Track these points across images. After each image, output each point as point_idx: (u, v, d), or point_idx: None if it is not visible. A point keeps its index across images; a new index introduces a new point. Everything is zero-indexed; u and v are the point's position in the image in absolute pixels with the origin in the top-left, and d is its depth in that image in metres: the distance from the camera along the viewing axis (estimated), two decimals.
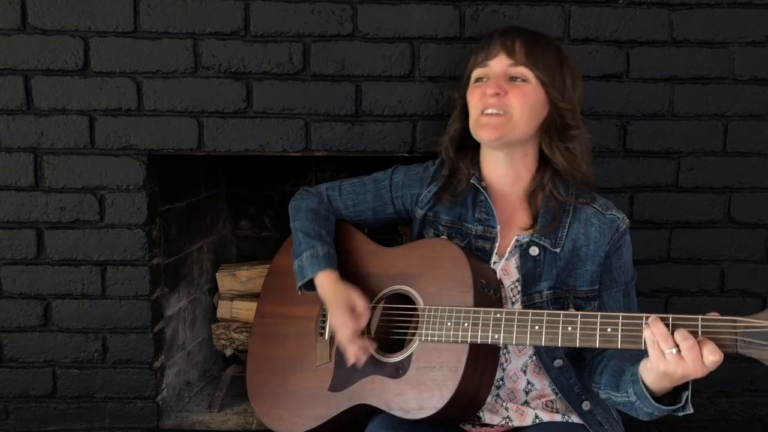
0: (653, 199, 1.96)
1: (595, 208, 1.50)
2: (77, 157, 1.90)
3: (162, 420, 2.05)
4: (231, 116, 1.89)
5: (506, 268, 1.49)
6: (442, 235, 1.54)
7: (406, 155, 1.89)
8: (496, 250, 1.50)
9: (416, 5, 1.85)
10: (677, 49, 1.89)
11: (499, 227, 1.50)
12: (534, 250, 1.47)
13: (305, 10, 1.84)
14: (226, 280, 2.40)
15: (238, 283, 2.39)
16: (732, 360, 2.08)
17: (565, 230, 1.48)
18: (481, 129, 1.46)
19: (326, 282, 1.52)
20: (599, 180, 1.92)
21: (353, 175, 1.72)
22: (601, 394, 1.41)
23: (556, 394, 1.48)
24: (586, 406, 1.46)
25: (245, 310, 2.32)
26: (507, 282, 1.48)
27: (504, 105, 1.43)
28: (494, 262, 1.49)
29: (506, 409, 1.47)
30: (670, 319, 1.17)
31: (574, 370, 1.46)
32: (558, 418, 1.46)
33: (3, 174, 1.91)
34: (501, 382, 1.48)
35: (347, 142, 1.90)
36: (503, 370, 1.47)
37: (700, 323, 1.15)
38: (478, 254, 1.50)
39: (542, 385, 1.48)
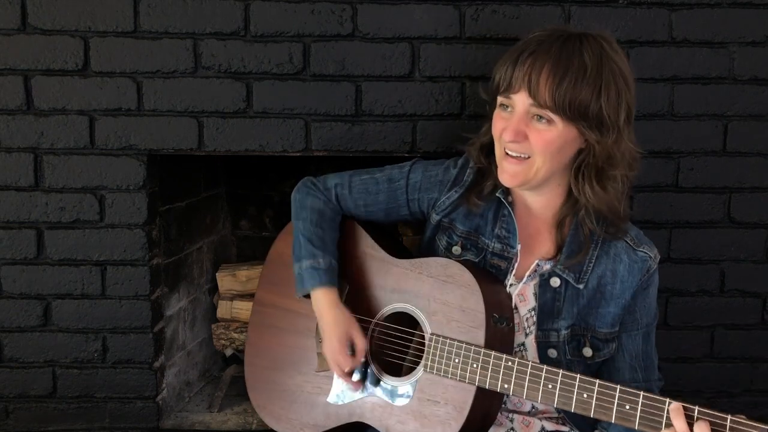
0: (653, 199, 1.96)
1: (626, 242, 1.38)
2: (77, 157, 1.90)
3: (162, 420, 2.05)
4: (231, 116, 1.89)
5: (523, 293, 1.40)
6: (456, 245, 1.46)
7: (406, 155, 1.89)
8: (513, 272, 1.41)
9: (416, 5, 1.85)
10: (677, 49, 1.89)
11: (519, 247, 1.41)
12: (555, 282, 1.37)
13: (305, 10, 1.84)
14: (226, 280, 2.40)
15: (238, 283, 2.39)
16: (732, 360, 2.10)
17: (591, 264, 1.37)
18: (502, 174, 1.35)
19: (325, 303, 1.46)
20: None
21: None
22: None
23: (559, 413, 1.42)
24: None
25: (245, 310, 2.32)
26: (522, 309, 1.40)
27: (525, 149, 1.30)
28: (510, 284, 1.41)
29: (511, 420, 1.44)
30: (696, 412, 1.10)
31: None
32: (564, 429, 1.43)
33: (3, 174, 1.91)
34: (505, 397, 1.42)
35: (347, 142, 1.90)
36: (507, 396, 1.42)
37: (728, 424, 1.08)
38: (493, 270, 1.41)
39: (546, 407, 1.43)
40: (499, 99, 1.36)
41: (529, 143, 1.29)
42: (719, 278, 2.01)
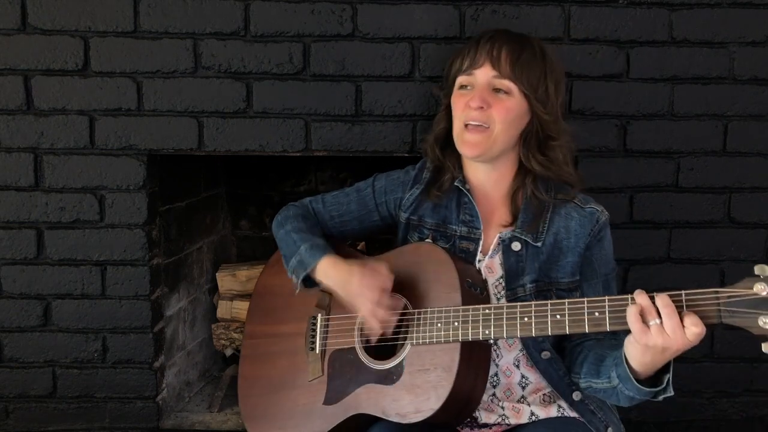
0: (653, 199, 1.96)
1: (574, 202, 1.52)
2: (77, 157, 1.90)
3: (162, 420, 2.05)
4: (231, 116, 1.89)
5: (490, 266, 1.51)
6: (427, 238, 1.56)
7: (406, 155, 1.89)
8: (480, 249, 1.52)
9: (416, 5, 1.85)
10: (677, 49, 1.89)
11: (482, 226, 1.53)
12: (516, 246, 1.49)
13: (305, 10, 1.84)
14: (226, 280, 2.40)
15: (238, 283, 2.39)
16: (732, 360, 2.10)
17: (546, 224, 1.50)
18: (463, 145, 1.49)
19: (333, 265, 1.50)
20: (599, 180, 1.93)
21: (353, 175, 1.73)
22: (581, 383, 1.43)
23: (549, 385, 1.49)
24: (576, 396, 1.47)
25: (245, 310, 2.30)
26: (492, 279, 1.50)
27: (486, 118, 1.45)
28: (479, 261, 1.51)
29: (502, 407, 1.48)
30: (655, 294, 1.19)
31: (562, 362, 1.48)
32: (554, 411, 1.47)
33: (3, 174, 1.91)
34: (496, 380, 1.48)
35: (347, 142, 1.90)
36: (496, 365, 1.48)
37: (684, 297, 1.17)
38: (463, 255, 1.51)
39: (536, 378, 1.49)
40: (459, 80, 1.51)
41: (490, 112, 1.45)
42: (719, 278, 2.01)
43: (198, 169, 2.31)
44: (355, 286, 1.43)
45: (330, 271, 1.50)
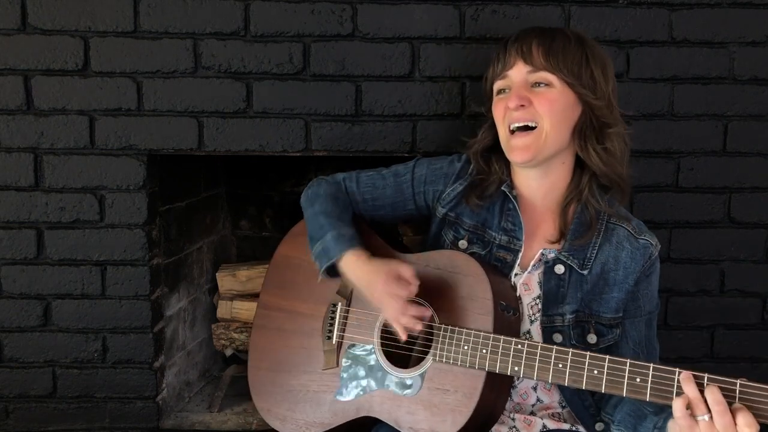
0: (653, 199, 1.96)
1: (628, 230, 1.42)
2: (77, 157, 1.90)
3: (162, 420, 2.05)
4: (231, 116, 1.89)
5: (528, 282, 1.42)
6: (462, 239, 1.48)
7: (406, 155, 1.89)
8: (518, 262, 1.43)
9: (416, 5, 1.85)
10: (677, 49, 1.89)
11: (524, 239, 1.43)
12: (560, 269, 1.40)
13: (305, 10, 1.84)
14: (226, 280, 2.40)
15: (238, 283, 2.39)
16: (732, 360, 2.09)
17: (595, 251, 1.40)
18: (512, 152, 1.39)
19: (358, 261, 1.42)
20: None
21: None
22: (613, 428, 1.36)
23: (563, 407, 1.44)
24: (599, 427, 1.42)
25: (245, 310, 2.32)
26: (527, 298, 1.42)
27: (531, 115, 1.35)
28: (515, 274, 1.43)
29: (513, 419, 1.44)
30: (705, 378, 1.10)
31: (590, 391, 1.38)
32: (565, 427, 1.43)
33: (3, 174, 1.91)
34: (509, 399, 1.44)
35: (347, 142, 1.90)
36: (514, 388, 1.43)
37: (738, 388, 1.08)
38: (498, 264, 1.43)
39: (551, 400, 1.44)
40: (497, 86, 1.44)
41: (533, 108, 1.35)
42: (719, 278, 2.01)
43: (198, 169, 2.31)
44: (379, 291, 1.36)
45: (354, 266, 1.43)
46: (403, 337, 1.36)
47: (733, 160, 1.96)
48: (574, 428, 1.43)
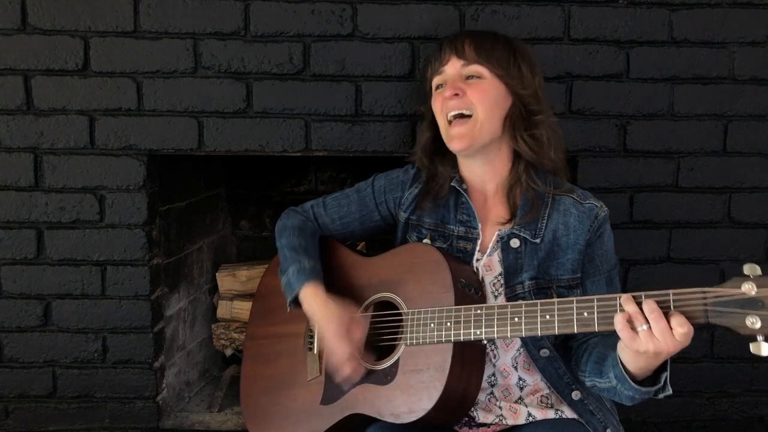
0: (653, 199, 1.96)
1: (573, 198, 1.51)
2: (77, 157, 1.90)
3: (162, 420, 2.05)
4: (231, 116, 1.89)
5: (489, 264, 1.50)
6: (425, 238, 1.56)
7: (406, 155, 1.89)
8: (478, 248, 1.51)
9: (416, 5, 1.85)
10: (677, 49, 1.89)
11: (480, 225, 1.52)
12: (515, 243, 1.48)
13: (305, 10, 1.84)
14: (226, 280, 2.40)
15: (238, 283, 2.39)
16: (732, 360, 2.09)
17: (545, 221, 1.49)
18: (451, 141, 1.49)
19: (312, 297, 1.51)
20: (599, 180, 1.93)
21: (353, 175, 1.73)
22: (586, 381, 1.43)
23: (549, 387, 1.48)
24: (576, 395, 1.47)
25: (245, 310, 2.32)
26: (490, 277, 1.49)
27: (466, 104, 1.45)
28: (477, 260, 1.50)
29: (499, 407, 1.48)
30: (642, 296, 1.18)
31: (563, 360, 1.47)
32: (551, 414, 1.47)
33: (3, 174, 1.91)
34: (494, 379, 1.48)
35: (347, 142, 1.90)
36: (494, 365, 1.48)
37: (671, 297, 1.17)
38: (460, 255, 1.51)
39: (534, 380, 1.49)
40: (434, 81, 1.54)
41: (467, 97, 1.45)
42: (719, 278, 2.01)
43: (198, 169, 2.31)
44: (330, 335, 1.46)
45: (311, 300, 1.52)
46: (342, 380, 1.46)
47: (733, 160, 1.96)
48: (558, 413, 1.47)
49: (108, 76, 1.87)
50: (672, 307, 1.16)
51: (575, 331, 1.25)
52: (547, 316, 1.27)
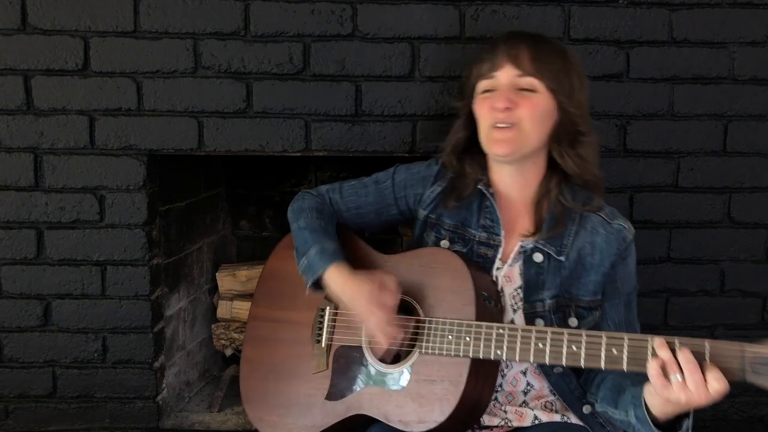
0: (653, 199, 1.96)
1: (601, 217, 1.47)
2: (77, 157, 1.90)
3: (162, 420, 2.05)
4: (231, 116, 1.89)
5: (509, 275, 1.46)
6: (444, 239, 1.52)
7: (406, 155, 1.89)
8: (499, 256, 1.47)
9: (416, 5, 1.85)
10: (677, 49, 1.89)
11: (503, 233, 1.48)
12: (538, 257, 1.44)
13: (305, 10, 1.84)
14: (226, 280, 2.40)
15: (238, 283, 2.39)
16: None
17: (571, 238, 1.45)
18: (494, 145, 1.44)
19: (339, 277, 1.45)
20: None
21: (353, 175, 1.72)
22: (597, 406, 1.40)
23: (554, 395, 1.47)
24: (587, 409, 1.45)
25: (245, 310, 2.32)
26: (509, 289, 1.46)
27: (514, 117, 1.40)
28: (497, 268, 1.47)
29: (505, 411, 1.46)
30: (676, 342, 1.16)
31: (575, 375, 1.45)
32: (557, 418, 1.45)
33: (3, 174, 1.91)
34: (499, 387, 1.46)
35: (347, 142, 1.90)
36: (503, 376, 1.46)
37: (707, 349, 1.13)
38: (480, 260, 1.48)
39: (541, 386, 1.47)
40: (482, 85, 1.47)
41: (517, 111, 1.40)
42: (719, 278, 2.01)
43: (198, 169, 2.31)
44: (364, 304, 1.40)
45: (337, 281, 1.46)
46: (385, 345, 1.40)
47: (733, 160, 1.96)
48: (564, 418, 1.46)
49: (108, 76, 1.87)
50: (708, 358, 1.13)
51: (602, 367, 1.22)
52: (574, 348, 1.24)
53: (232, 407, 2.15)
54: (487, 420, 1.46)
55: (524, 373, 1.47)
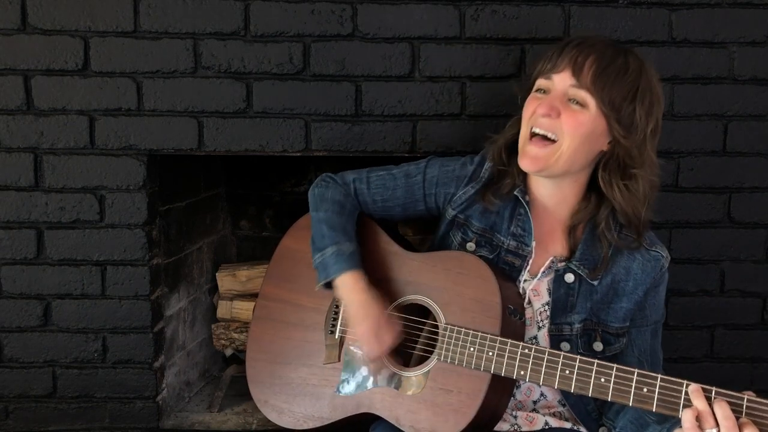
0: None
1: (639, 242, 1.41)
2: (77, 157, 1.90)
3: (162, 420, 2.05)
4: (231, 116, 1.89)
5: (537, 288, 1.42)
6: (470, 241, 1.48)
7: (406, 155, 1.89)
8: (528, 268, 1.43)
9: (416, 5, 1.85)
10: (677, 49, 1.89)
11: (534, 245, 1.43)
12: (569, 277, 1.40)
13: (305, 10, 1.84)
14: (226, 280, 2.40)
15: (238, 283, 2.39)
16: (732, 360, 2.09)
17: (606, 263, 1.40)
18: (523, 157, 1.37)
19: (352, 287, 1.43)
20: None
21: None
22: None
23: (563, 406, 1.44)
24: (603, 431, 1.42)
25: (245, 310, 2.32)
26: (536, 304, 1.42)
27: (555, 128, 1.32)
28: (525, 280, 1.43)
29: (515, 417, 1.44)
30: (713, 392, 1.13)
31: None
32: (567, 425, 1.43)
33: (3, 174, 1.91)
34: (512, 398, 1.44)
35: (347, 142, 1.90)
36: (517, 387, 1.44)
37: (745, 403, 1.11)
38: (506, 268, 1.43)
39: (553, 397, 1.45)
40: (538, 83, 1.39)
41: (559, 122, 1.31)
42: (719, 278, 2.01)
43: (198, 169, 2.31)
44: (364, 331, 1.41)
45: (348, 292, 1.44)
46: (371, 372, 1.42)
47: (733, 160, 1.96)
48: (575, 428, 1.44)
49: (108, 76, 1.87)
50: (744, 413, 1.10)
51: (630, 405, 1.18)
52: (603, 380, 1.20)
53: (232, 407, 2.15)
54: (497, 425, 1.42)
55: (538, 384, 1.43)
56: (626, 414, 1.35)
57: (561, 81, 1.34)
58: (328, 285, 1.48)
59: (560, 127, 1.31)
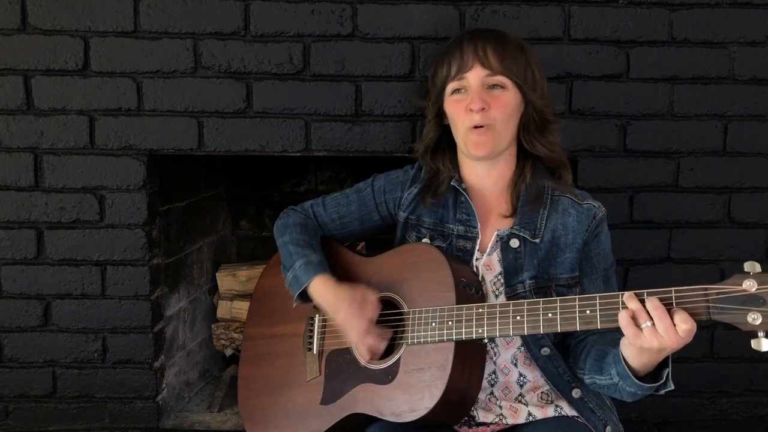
0: (653, 199, 1.96)
1: (571, 198, 1.53)
2: (77, 157, 1.90)
3: (162, 420, 2.05)
4: (231, 116, 1.89)
5: (488, 263, 1.51)
6: (425, 238, 1.57)
7: (406, 155, 1.89)
8: (477, 247, 1.53)
9: (416, 5, 1.85)
10: (677, 49, 1.89)
11: (479, 225, 1.54)
12: (514, 243, 1.50)
13: (305, 10, 1.84)
14: (226, 280, 2.40)
15: (238, 283, 2.39)
16: (732, 360, 2.09)
17: (544, 221, 1.51)
18: (473, 147, 1.49)
19: (324, 287, 1.53)
20: (599, 180, 1.93)
21: (353, 176, 1.73)
22: (585, 379, 1.44)
23: (549, 385, 1.49)
24: (576, 393, 1.47)
25: (245, 310, 2.31)
26: (490, 276, 1.50)
27: (489, 118, 1.47)
28: (476, 259, 1.52)
29: (499, 406, 1.48)
30: (645, 294, 1.21)
31: (563, 358, 1.48)
32: (551, 411, 1.47)
33: (3, 174, 1.91)
34: (494, 378, 1.49)
35: (347, 142, 1.90)
36: (494, 363, 1.49)
37: (673, 295, 1.19)
38: (459, 254, 1.53)
39: (534, 376, 1.50)
40: (451, 86, 1.52)
41: (491, 112, 1.47)
42: (719, 278, 2.00)
43: (198, 169, 2.32)
44: (343, 315, 1.47)
45: (321, 292, 1.53)
46: (366, 356, 1.46)
47: (733, 160, 1.96)
48: (558, 410, 1.48)
49: (108, 76, 1.87)
50: (674, 304, 1.19)
51: (578, 329, 1.27)
52: (550, 314, 1.28)
53: (232, 407, 2.15)
54: (482, 416, 1.48)
55: (515, 364, 1.49)
56: (591, 355, 1.42)
57: (475, 76, 1.48)
58: (303, 296, 1.56)
59: (493, 114, 1.47)
